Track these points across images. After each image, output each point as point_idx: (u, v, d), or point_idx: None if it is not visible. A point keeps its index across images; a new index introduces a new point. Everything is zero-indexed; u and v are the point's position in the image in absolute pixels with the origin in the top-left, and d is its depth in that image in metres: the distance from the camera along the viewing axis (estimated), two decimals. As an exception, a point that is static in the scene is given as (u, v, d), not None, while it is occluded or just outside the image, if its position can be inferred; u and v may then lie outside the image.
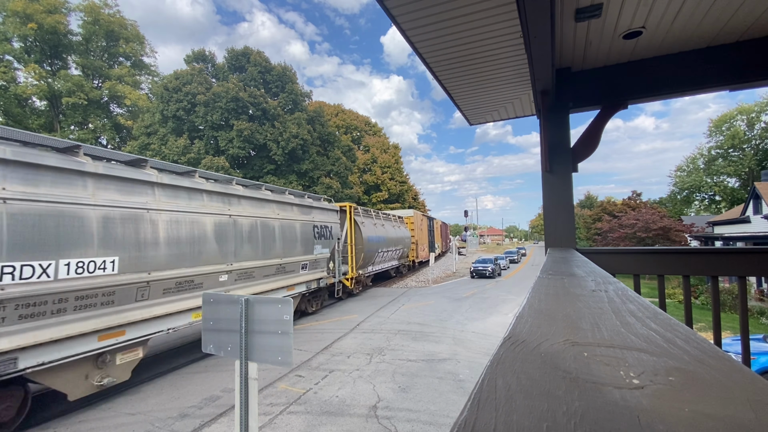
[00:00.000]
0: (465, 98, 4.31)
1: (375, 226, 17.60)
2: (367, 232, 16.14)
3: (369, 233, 16.35)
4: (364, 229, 16.04)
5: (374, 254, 17.13)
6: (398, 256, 22.22)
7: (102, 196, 5.67)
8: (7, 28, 25.28)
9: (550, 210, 3.19)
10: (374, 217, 18.50)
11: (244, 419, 3.08)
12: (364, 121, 51.53)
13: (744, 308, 2.53)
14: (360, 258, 15.74)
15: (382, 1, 2.50)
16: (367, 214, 17.56)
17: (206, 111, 27.65)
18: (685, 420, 0.32)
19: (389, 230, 19.84)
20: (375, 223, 17.89)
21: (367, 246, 16.04)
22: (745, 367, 0.44)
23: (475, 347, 8.77)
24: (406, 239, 23.15)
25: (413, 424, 5.18)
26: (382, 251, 18.35)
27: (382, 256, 18.56)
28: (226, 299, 3.32)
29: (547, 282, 1.18)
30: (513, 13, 2.61)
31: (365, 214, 17.38)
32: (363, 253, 15.63)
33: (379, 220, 18.93)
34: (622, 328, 0.61)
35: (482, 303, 14.80)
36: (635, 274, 2.85)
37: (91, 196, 5.52)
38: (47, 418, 5.57)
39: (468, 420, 0.34)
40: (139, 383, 6.86)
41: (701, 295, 19.35)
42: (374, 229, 17.39)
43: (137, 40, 32.31)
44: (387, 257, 19.72)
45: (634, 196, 41.39)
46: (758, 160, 41.26)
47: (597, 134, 3.19)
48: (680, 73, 3.03)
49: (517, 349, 0.52)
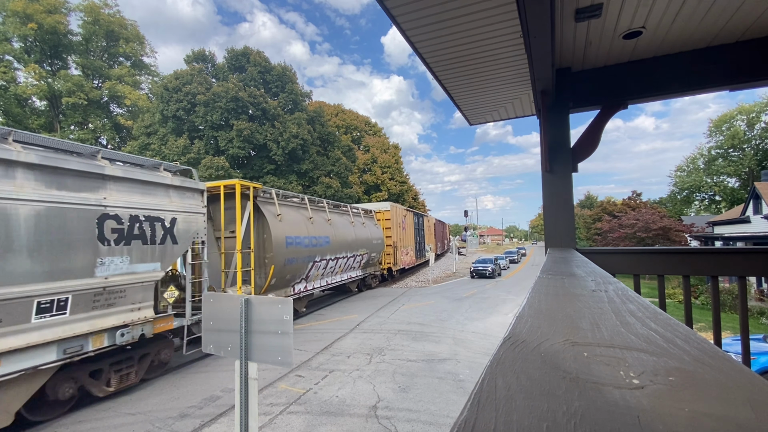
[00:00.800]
0: (465, 98, 4.31)
1: (306, 222, 11.97)
2: (283, 231, 10.39)
3: (289, 231, 10.69)
4: (278, 226, 10.25)
5: (304, 265, 11.49)
6: (361, 263, 16.54)
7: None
8: (7, 28, 25.28)
9: (550, 210, 3.19)
10: (308, 207, 12.50)
11: (244, 419, 3.08)
12: (364, 121, 51.52)
13: (744, 308, 2.53)
14: (269, 272, 10.05)
15: (383, 1, 2.50)
16: (287, 200, 11.75)
17: (206, 111, 27.65)
18: (685, 420, 0.32)
19: (341, 228, 14.17)
20: (310, 217, 12.24)
21: (284, 253, 10.33)
22: (745, 367, 0.44)
23: (475, 347, 8.77)
24: (375, 241, 17.43)
25: (413, 424, 5.18)
26: (324, 259, 12.72)
27: (324, 267, 12.93)
28: (226, 299, 3.32)
29: (547, 282, 1.18)
30: (513, 13, 2.61)
31: (284, 200, 11.53)
32: (274, 264, 9.96)
33: (320, 213, 13.32)
34: (622, 328, 0.61)
35: (482, 303, 14.80)
36: (635, 274, 2.85)
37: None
38: (47, 418, 5.57)
39: (468, 420, 0.34)
40: (139, 383, 6.85)
41: (701, 295, 19.35)
42: (303, 225, 11.67)
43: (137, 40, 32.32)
44: (338, 267, 14.14)
45: (634, 196, 41.39)
46: (758, 160, 41.25)
47: (597, 134, 3.19)
48: (680, 73, 3.03)
49: (517, 349, 0.52)
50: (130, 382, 6.59)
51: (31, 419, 5.42)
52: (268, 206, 10.40)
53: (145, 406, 5.97)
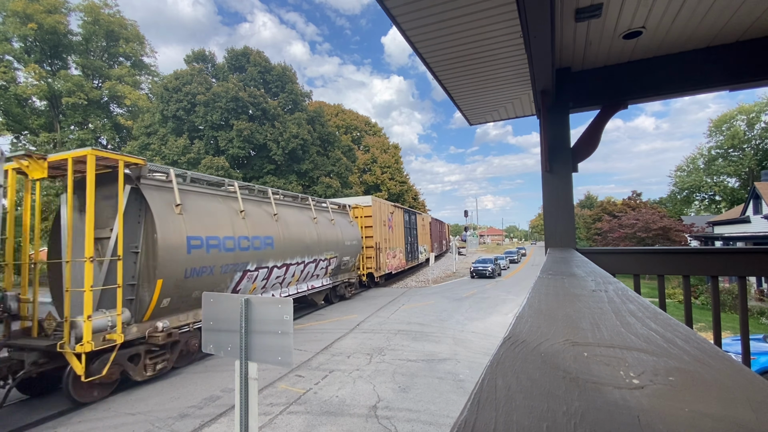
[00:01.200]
0: (465, 98, 4.31)
1: (235, 216, 8.85)
2: (180, 229, 7.34)
3: (195, 229, 7.66)
4: (171, 222, 7.21)
5: (226, 277, 8.48)
6: (329, 270, 13.32)
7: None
8: (7, 28, 25.28)
9: (550, 210, 3.19)
10: (238, 197, 9.25)
11: (244, 419, 3.08)
12: (364, 121, 51.53)
13: (744, 308, 2.53)
14: (153, 291, 6.84)
15: (383, 2, 2.50)
16: (200, 186, 8.55)
17: (206, 111, 27.65)
18: (685, 420, 0.32)
19: (296, 227, 11.12)
20: (241, 210, 9.08)
21: (183, 261, 7.32)
22: (745, 367, 0.44)
23: (475, 347, 8.77)
24: (348, 242, 14.42)
25: (413, 424, 5.18)
26: (264, 267, 9.67)
27: (266, 278, 9.87)
28: (226, 299, 3.32)
29: (547, 282, 1.18)
30: (513, 13, 2.61)
31: (194, 186, 8.37)
32: (162, 278, 6.91)
33: (260, 206, 10.03)
34: (622, 328, 0.61)
35: (482, 303, 14.80)
36: (635, 274, 2.85)
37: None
38: (47, 418, 5.57)
39: (468, 420, 0.34)
40: (139, 383, 6.85)
41: (701, 295, 19.35)
42: (228, 221, 8.57)
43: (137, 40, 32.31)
44: (290, 277, 11.00)
45: (634, 196, 41.41)
46: (758, 160, 41.27)
47: (597, 134, 3.18)
48: (680, 73, 3.03)
49: (517, 349, 0.52)
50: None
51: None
52: (159, 193, 7.27)
53: (145, 406, 5.97)
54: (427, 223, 32.65)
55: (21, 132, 27.37)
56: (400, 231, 22.78)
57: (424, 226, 31.29)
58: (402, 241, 23.02)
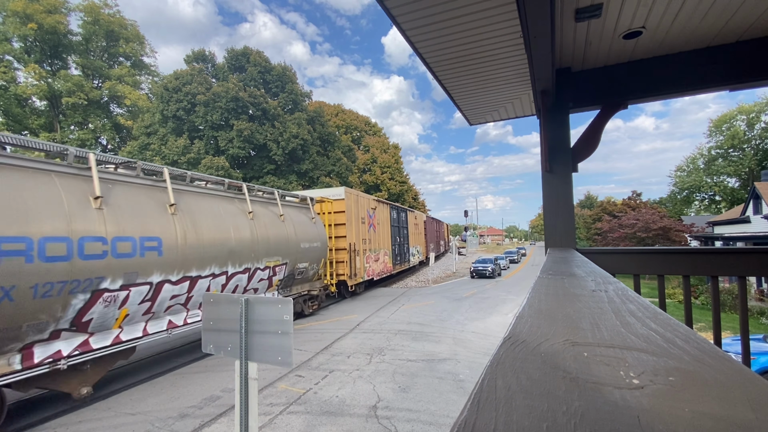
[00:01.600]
0: (465, 98, 4.31)
1: (82, 204, 5.62)
2: None
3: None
4: None
5: (46, 305, 5.08)
6: (275, 281, 10.14)
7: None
8: (7, 28, 25.28)
9: (550, 210, 3.19)
10: (93, 175, 5.86)
11: (244, 419, 3.08)
12: (364, 121, 51.53)
13: (744, 308, 2.53)
14: None
15: (383, 2, 2.50)
16: (20, 159, 5.15)
17: (206, 111, 27.66)
18: (685, 420, 0.32)
19: (213, 220, 7.93)
20: (97, 196, 5.77)
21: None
22: (745, 367, 0.44)
23: (475, 347, 8.77)
24: (306, 244, 11.26)
25: (413, 424, 5.18)
26: (139, 284, 6.28)
27: (143, 300, 6.41)
28: (226, 299, 3.33)
29: (547, 282, 1.18)
30: (513, 13, 2.61)
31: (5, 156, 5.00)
32: None
33: (148, 192, 6.83)
34: (622, 328, 0.61)
35: (482, 303, 14.80)
36: (635, 274, 2.85)
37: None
38: (47, 418, 5.57)
39: (468, 420, 0.34)
40: (139, 383, 6.86)
41: (701, 295, 19.36)
42: (61, 211, 5.30)
43: (137, 40, 32.32)
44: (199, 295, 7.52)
45: (634, 196, 41.43)
46: (758, 160, 41.27)
47: (597, 134, 3.19)
48: (680, 73, 3.03)
49: (517, 349, 0.52)
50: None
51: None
52: None
53: (145, 406, 5.97)
54: (421, 222, 29.16)
55: (21, 132, 27.37)
56: (386, 230, 19.48)
57: (417, 225, 27.65)
58: (388, 242, 19.70)
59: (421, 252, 28.38)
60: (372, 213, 17.71)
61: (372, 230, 17.66)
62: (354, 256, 15.27)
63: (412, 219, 26.01)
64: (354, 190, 16.19)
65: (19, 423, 5.42)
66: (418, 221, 28.14)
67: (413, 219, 26.63)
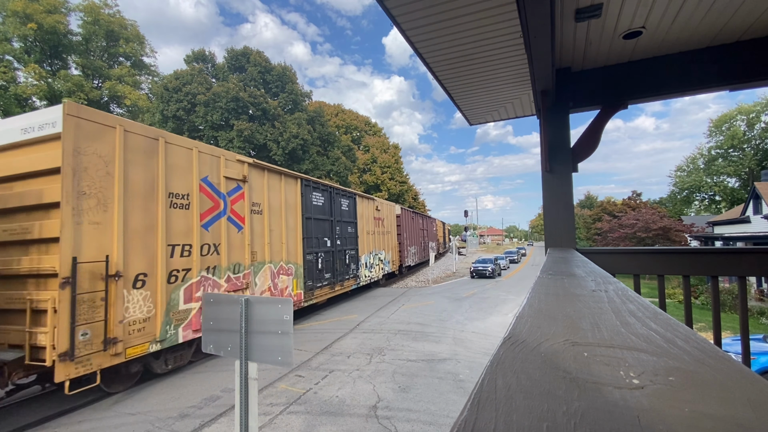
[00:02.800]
0: (465, 98, 4.31)
1: None
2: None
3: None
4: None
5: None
6: None
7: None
8: (7, 28, 25.29)
9: (550, 210, 3.18)
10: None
11: (244, 419, 3.08)
12: (364, 121, 51.54)
13: (744, 308, 2.53)
14: None
15: (383, 2, 2.50)
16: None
17: (206, 111, 27.66)
18: (685, 420, 0.32)
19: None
20: None
21: None
22: (745, 367, 0.44)
23: (475, 347, 8.77)
24: None
25: (413, 424, 5.18)
26: None
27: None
28: (226, 299, 3.33)
29: (547, 282, 1.18)
30: (513, 13, 2.61)
31: None
32: None
33: None
34: (622, 328, 0.61)
35: (482, 303, 14.80)
36: (635, 274, 2.85)
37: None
38: (47, 418, 5.57)
39: (468, 420, 0.34)
40: (139, 383, 6.85)
41: (701, 295, 19.36)
42: None
43: (137, 40, 32.31)
44: None
45: (634, 196, 41.43)
46: (758, 160, 41.27)
47: (597, 134, 3.18)
48: (680, 73, 3.03)
49: (517, 349, 0.52)
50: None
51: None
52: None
53: (145, 406, 5.97)
54: (392, 216, 20.84)
55: (21, 132, 27.34)
56: (295, 225, 11.07)
57: (382, 219, 19.08)
58: (297, 249, 11.07)
59: (389, 260, 19.90)
60: (230, 193, 8.46)
61: (227, 229, 8.27)
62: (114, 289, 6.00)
63: (367, 210, 16.67)
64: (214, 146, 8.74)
65: (19, 423, 5.42)
66: (384, 215, 19.50)
67: (371, 211, 17.35)
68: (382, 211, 19.76)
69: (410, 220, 25.47)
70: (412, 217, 26.54)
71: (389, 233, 20.63)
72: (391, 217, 21.48)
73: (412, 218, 26.16)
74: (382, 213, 19.56)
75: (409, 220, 25.23)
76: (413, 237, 26.24)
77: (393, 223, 21.72)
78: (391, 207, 21.98)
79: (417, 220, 28.20)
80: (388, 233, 20.47)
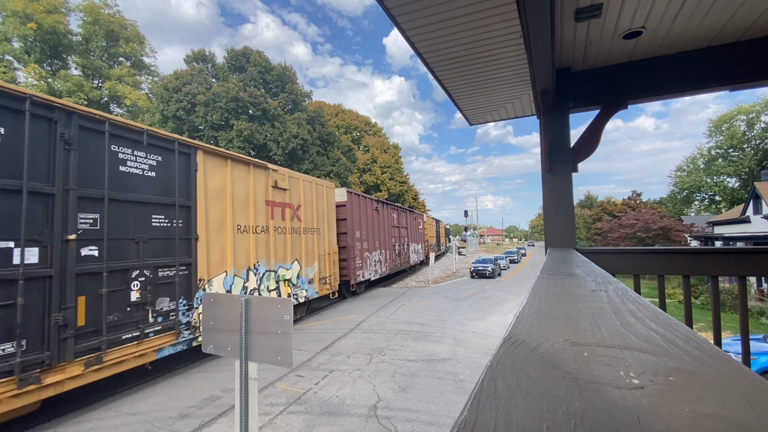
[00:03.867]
0: (465, 98, 4.31)
1: None
2: None
3: None
4: None
5: None
6: None
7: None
8: (7, 28, 25.28)
9: (550, 210, 3.18)
10: None
11: (244, 419, 3.08)
12: (364, 121, 51.53)
13: (744, 308, 2.53)
14: None
15: (382, 2, 2.50)
16: None
17: (206, 111, 27.66)
18: (685, 420, 0.32)
19: None
20: None
21: None
22: (745, 367, 0.44)
23: (475, 347, 8.77)
24: None
25: (413, 424, 5.18)
26: None
27: None
28: (226, 299, 3.32)
29: (547, 282, 1.18)
30: (513, 13, 2.61)
31: None
32: None
33: None
34: (622, 328, 0.61)
35: (482, 303, 14.80)
36: (635, 274, 2.85)
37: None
38: (47, 418, 5.56)
39: (468, 420, 0.34)
40: (139, 383, 6.85)
41: (701, 295, 19.35)
42: None
43: (137, 40, 32.31)
44: None
45: (634, 196, 41.43)
46: (758, 160, 41.27)
47: (597, 134, 3.18)
48: (680, 73, 3.03)
49: (517, 349, 0.52)
50: None
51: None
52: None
53: (145, 406, 5.97)
54: (323, 203, 13.07)
55: (21, 132, 27.35)
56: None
57: (296, 208, 11.28)
58: None
59: (313, 277, 12.03)
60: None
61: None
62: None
63: (237, 183, 8.82)
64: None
65: (19, 423, 5.41)
66: (297, 197, 11.35)
67: (245, 185, 9.11)
68: (295, 191, 11.27)
69: (369, 212, 17.38)
70: (376, 209, 18.29)
71: (316, 232, 12.46)
72: (322, 204, 13.01)
73: (375, 210, 18.09)
74: (294, 195, 11.15)
75: (368, 213, 17.18)
76: (378, 237, 18.42)
77: (328, 215, 13.42)
78: (323, 189, 13.16)
79: (386, 214, 20.01)
80: (314, 232, 12.35)
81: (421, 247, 29.03)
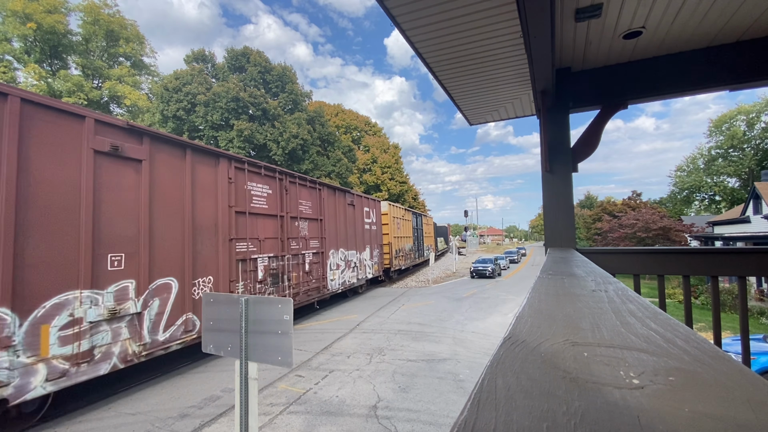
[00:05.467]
0: (465, 98, 4.31)
1: None
2: None
3: None
4: None
5: None
6: None
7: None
8: (7, 28, 25.27)
9: (550, 210, 3.18)
10: None
11: (244, 419, 3.08)
12: (364, 121, 51.53)
13: (744, 308, 2.53)
14: None
15: (383, 2, 2.50)
16: None
17: (206, 111, 27.66)
18: (685, 420, 0.32)
19: None
20: None
21: None
22: (745, 367, 0.44)
23: (475, 347, 8.77)
24: None
25: (413, 424, 5.18)
26: None
27: None
28: (226, 299, 3.32)
29: (547, 282, 1.18)
30: (513, 13, 2.61)
31: None
32: None
33: None
34: (622, 328, 0.61)
35: (482, 303, 14.80)
36: (635, 274, 2.85)
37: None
38: (47, 418, 5.56)
39: (468, 420, 0.34)
40: (139, 383, 6.86)
41: (701, 295, 19.35)
42: None
43: (137, 40, 32.30)
44: None
45: (634, 196, 41.41)
46: (758, 160, 41.27)
47: (597, 134, 3.18)
48: (680, 73, 3.03)
49: (517, 349, 0.52)
50: None
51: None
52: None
53: (145, 406, 5.97)
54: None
55: (21, 132, 27.30)
56: None
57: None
58: None
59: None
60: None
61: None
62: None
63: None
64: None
65: (18, 422, 5.41)
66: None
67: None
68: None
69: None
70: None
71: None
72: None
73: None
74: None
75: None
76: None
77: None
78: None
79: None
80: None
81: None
